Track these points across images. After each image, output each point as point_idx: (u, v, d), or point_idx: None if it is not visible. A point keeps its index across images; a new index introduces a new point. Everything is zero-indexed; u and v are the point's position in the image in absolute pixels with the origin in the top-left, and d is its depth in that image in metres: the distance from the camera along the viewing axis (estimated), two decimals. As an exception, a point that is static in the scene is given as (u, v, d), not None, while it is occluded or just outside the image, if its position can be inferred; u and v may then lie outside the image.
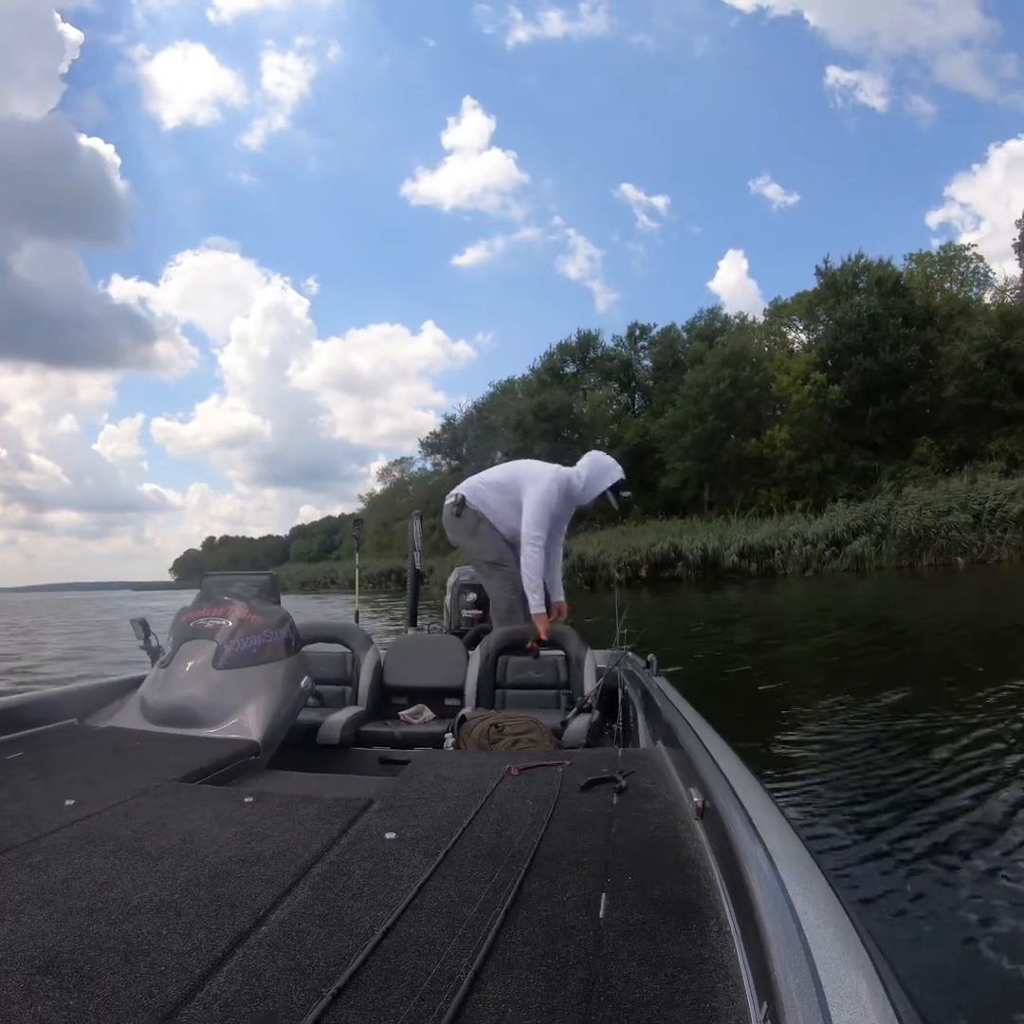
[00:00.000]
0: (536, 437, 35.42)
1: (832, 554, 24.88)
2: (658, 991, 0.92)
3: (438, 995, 0.91)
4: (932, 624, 11.26)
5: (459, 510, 3.93)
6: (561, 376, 42.17)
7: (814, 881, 0.98)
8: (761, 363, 33.49)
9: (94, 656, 11.45)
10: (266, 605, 2.79)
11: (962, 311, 33.24)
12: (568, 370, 43.07)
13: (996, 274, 36.17)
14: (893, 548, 23.98)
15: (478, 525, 3.91)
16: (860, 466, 29.90)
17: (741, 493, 31.09)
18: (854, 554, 24.49)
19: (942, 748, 4.44)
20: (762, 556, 25.89)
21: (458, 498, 3.96)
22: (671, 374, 36.60)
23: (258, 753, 2.37)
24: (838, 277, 34.43)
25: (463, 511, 3.92)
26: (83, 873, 1.29)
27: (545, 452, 33.89)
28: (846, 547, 24.75)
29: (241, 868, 1.32)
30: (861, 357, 30.38)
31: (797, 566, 25.12)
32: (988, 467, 25.95)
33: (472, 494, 3.96)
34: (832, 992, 0.72)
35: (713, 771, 1.53)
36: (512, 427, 38.68)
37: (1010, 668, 6.71)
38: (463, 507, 3.93)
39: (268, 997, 0.93)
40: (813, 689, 6.89)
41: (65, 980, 0.96)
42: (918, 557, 23.73)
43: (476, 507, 3.92)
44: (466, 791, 1.78)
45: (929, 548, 23.59)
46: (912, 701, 5.81)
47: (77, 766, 2.02)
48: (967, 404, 28.79)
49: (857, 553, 24.44)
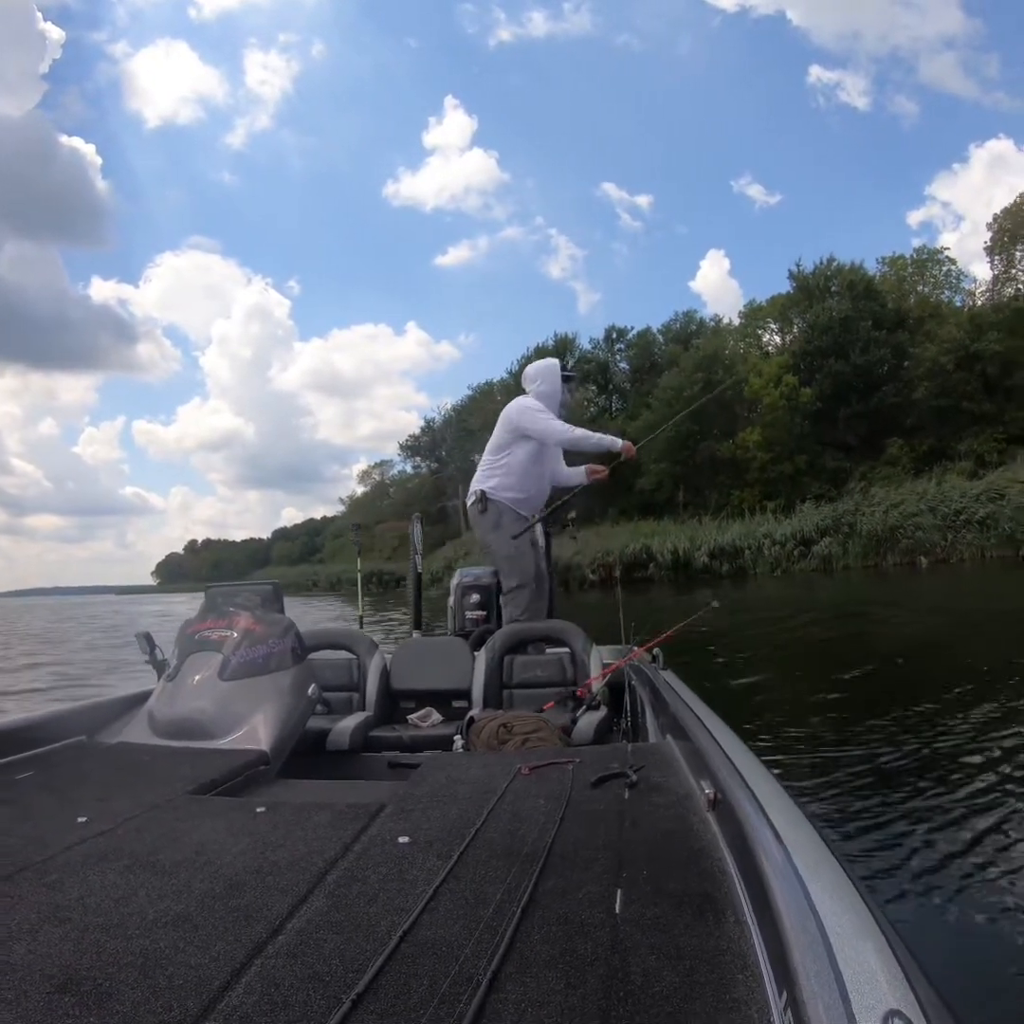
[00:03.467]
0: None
1: (801, 554, 25.13)
2: (677, 984, 0.92)
3: (457, 997, 0.92)
4: (889, 613, 11.79)
5: (483, 505, 4.09)
6: (539, 379, 42.03)
7: (829, 868, 0.99)
8: (734, 366, 33.70)
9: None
10: (270, 614, 2.79)
11: (933, 314, 33.53)
12: (546, 373, 42.87)
13: (973, 274, 36.62)
14: (859, 548, 24.25)
15: (501, 518, 4.07)
16: (832, 467, 30.10)
17: (715, 494, 31.28)
18: (821, 554, 24.76)
19: (946, 730, 4.51)
20: (732, 556, 26.13)
21: (479, 494, 4.11)
22: (647, 377, 36.80)
23: (268, 762, 2.37)
24: (810, 280, 34.67)
25: (488, 505, 4.08)
26: (98, 890, 1.29)
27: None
28: (814, 547, 25.01)
29: (256, 878, 1.33)
30: (833, 360, 30.63)
31: (766, 566, 25.35)
32: (957, 467, 26.24)
33: (488, 485, 4.12)
34: (851, 978, 0.73)
35: (724, 762, 1.53)
36: (490, 430, 38.62)
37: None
38: (486, 501, 4.08)
39: (288, 1006, 0.93)
40: (797, 677, 7.23)
41: (84, 997, 0.95)
42: (883, 557, 24.01)
43: (498, 498, 4.09)
44: (477, 792, 1.77)
45: (894, 548, 23.87)
46: (885, 681, 6.13)
47: (88, 783, 2.01)
48: (937, 405, 29.02)
49: (824, 553, 24.72)
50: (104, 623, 23.80)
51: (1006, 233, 34.82)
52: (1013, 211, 34.96)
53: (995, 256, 35.49)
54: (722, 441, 31.51)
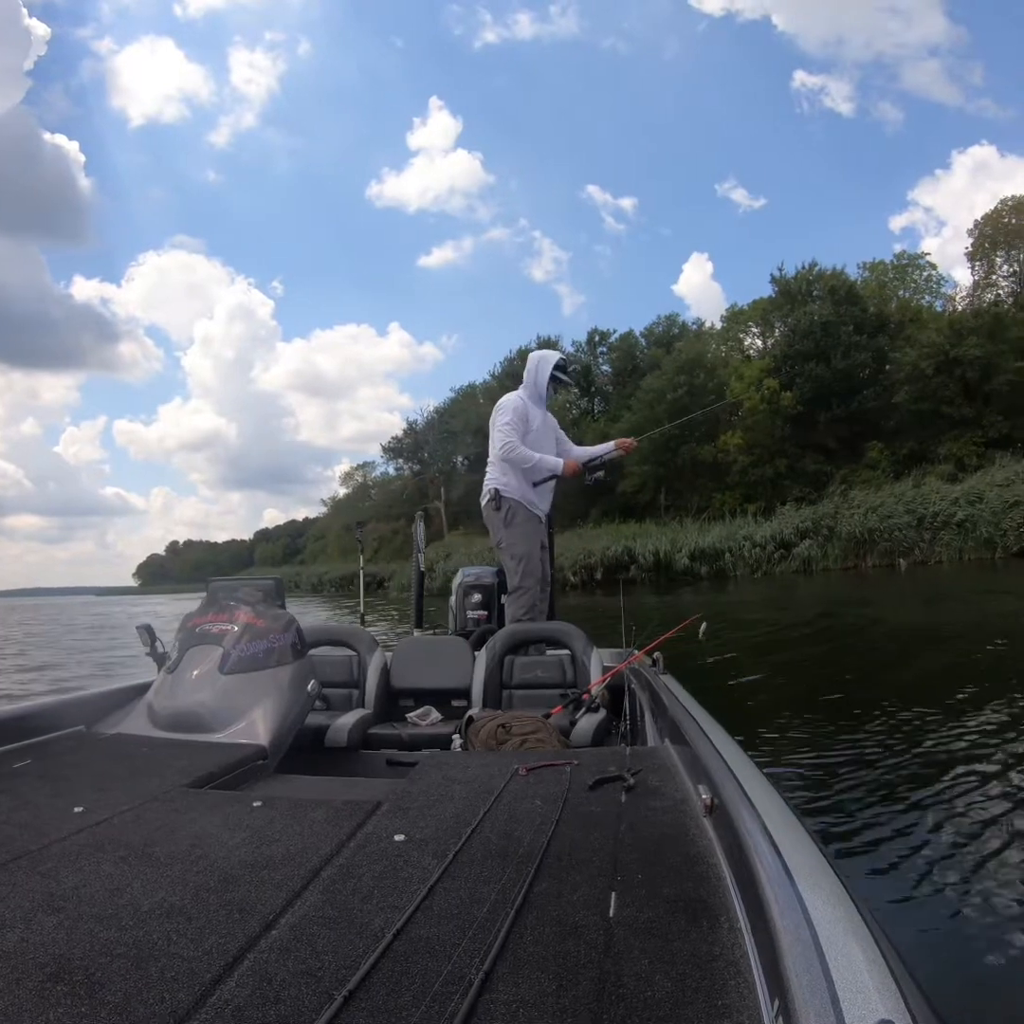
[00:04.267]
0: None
1: (781, 556, 25.20)
2: (669, 989, 0.92)
3: (449, 996, 0.92)
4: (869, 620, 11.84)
5: (497, 503, 4.13)
6: (522, 382, 41.94)
7: (824, 876, 0.98)
8: (716, 370, 33.84)
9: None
10: (272, 609, 2.80)
11: (914, 319, 33.84)
12: (529, 376, 42.81)
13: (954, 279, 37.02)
14: (838, 551, 24.36)
15: (514, 518, 4.12)
16: (812, 470, 30.26)
17: (696, 497, 31.39)
18: (801, 556, 24.84)
19: (942, 734, 4.47)
20: (713, 558, 26.11)
21: (492, 493, 4.16)
22: (629, 379, 36.87)
23: (266, 757, 2.37)
24: (792, 285, 34.89)
25: (501, 502, 4.12)
26: (93, 880, 1.30)
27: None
28: (794, 549, 25.10)
29: (251, 872, 1.32)
30: (814, 364, 30.82)
31: (747, 568, 25.41)
32: (936, 471, 26.45)
33: (500, 483, 4.16)
34: (843, 987, 0.73)
35: (721, 768, 1.53)
36: (472, 432, 38.77)
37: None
38: (500, 499, 4.13)
39: (279, 1001, 0.93)
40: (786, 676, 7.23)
41: (76, 987, 0.96)
42: (863, 559, 24.15)
43: (510, 495, 4.13)
44: (474, 792, 1.77)
45: (873, 550, 24.00)
46: (877, 682, 6.11)
47: (85, 773, 2.02)
48: (917, 409, 29.25)
49: (804, 555, 24.80)
50: (84, 624, 23.51)
51: (987, 239, 35.20)
52: (994, 217, 35.36)
53: (976, 262, 35.90)
54: (704, 444, 31.60)
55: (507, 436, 4.11)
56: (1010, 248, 34.77)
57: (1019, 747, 4.17)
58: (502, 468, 4.17)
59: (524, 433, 4.16)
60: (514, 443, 4.10)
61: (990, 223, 35.29)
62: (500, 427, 4.15)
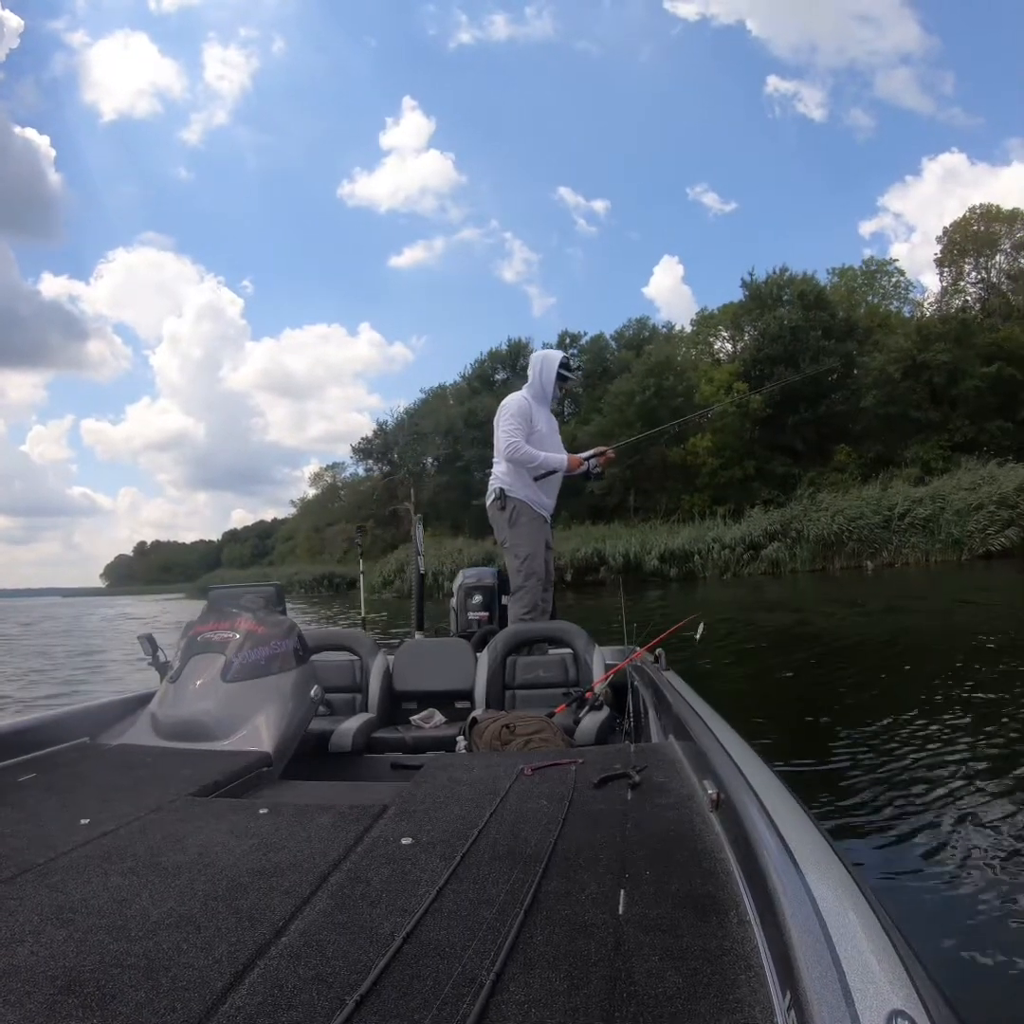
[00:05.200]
0: (466, 444, 35.25)
1: (750, 557, 25.18)
2: (681, 984, 0.92)
3: (461, 998, 0.91)
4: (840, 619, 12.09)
5: (503, 503, 4.15)
6: (492, 383, 41.65)
7: (832, 868, 0.97)
8: (685, 372, 33.89)
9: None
10: (273, 616, 2.80)
11: (882, 324, 34.22)
12: (499, 377, 42.47)
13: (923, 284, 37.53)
14: (807, 553, 24.41)
15: (519, 517, 4.14)
16: (781, 472, 30.40)
17: (666, 499, 31.30)
18: (770, 558, 24.85)
19: (951, 730, 4.44)
20: (682, 560, 26.03)
21: (498, 492, 4.18)
22: (599, 382, 36.76)
23: (270, 764, 2.37)
24: (763, 289, 35.08)
25: (506, 502, 4.14)
26: (101, 891, 1.28)
27: (475, 459, 33.88)
28: (762, 551, 25.12)
29: (259, 880, 1.32)
30: (783, 368, 30.83)
31: (716, 569, 25.32)
32: (903, 474, 26.72)
33: (505, 483, 4.18)
34: (855, 979, 0.72)
35: (726, 763, 1.52)
36: (442, 433, 38.51)
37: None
38: (505, 499, 4.15)
39: (291, 1008, 0.92)
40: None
41: (88, 999, 0.95)
42: (831, 560, 24.24)
43: (515, 495, 4.15)
44: (480, 793, 1.77)
45: (841, 552, 24.11)
46: (877, 681, 6.20)
47: (90, 785, 2.01)
48: (884, 413, 29.55)
49: (772, 557, 24.80)
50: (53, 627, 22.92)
51: (956, 246, 35.71)
52: (963, 225, 35.87)
53: (944, 268, 36.42)
54: (673, 446, 31.56)
55: (511, 436, 4.12)
56: (978, 255, 35.30)
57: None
58: (507, 468, 4.19)
59: (528, 433, 4.16)
60: (518, 443, 4.11)
61: (959, 231, 35.82)
62: (504, 427, 4.17)
